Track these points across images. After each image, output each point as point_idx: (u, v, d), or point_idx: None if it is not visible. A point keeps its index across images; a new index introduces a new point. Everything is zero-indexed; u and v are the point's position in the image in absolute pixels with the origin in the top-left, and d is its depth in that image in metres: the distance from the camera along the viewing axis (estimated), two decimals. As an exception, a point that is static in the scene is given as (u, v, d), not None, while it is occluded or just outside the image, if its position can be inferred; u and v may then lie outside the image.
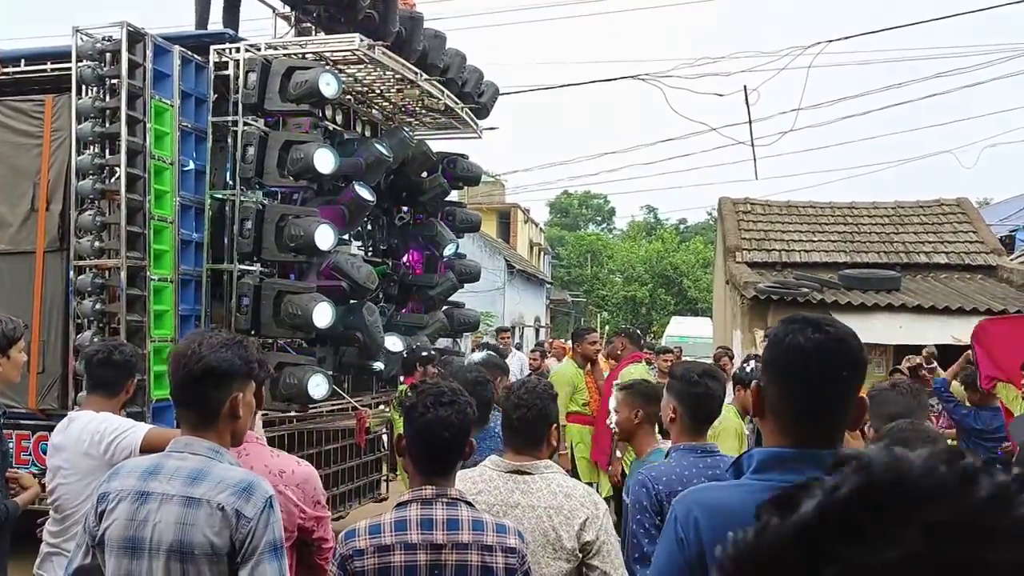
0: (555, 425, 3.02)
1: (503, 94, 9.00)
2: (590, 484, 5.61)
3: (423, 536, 2.31)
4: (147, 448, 3.10)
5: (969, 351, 6.97)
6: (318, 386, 5.96)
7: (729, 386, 6.26)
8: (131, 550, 2.12)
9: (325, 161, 5.96)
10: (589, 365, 7.16)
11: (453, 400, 2.39)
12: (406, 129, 8.00)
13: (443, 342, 9.96)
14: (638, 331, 7.44)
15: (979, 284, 12.80)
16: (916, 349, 9.48)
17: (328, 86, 5.99)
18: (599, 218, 66.05)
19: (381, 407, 7.63)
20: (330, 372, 6.41)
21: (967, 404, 6.65)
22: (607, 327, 40.70)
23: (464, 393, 2.46)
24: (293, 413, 6.36)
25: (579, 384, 7.05)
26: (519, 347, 18.71)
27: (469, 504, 2.41)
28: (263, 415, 6.02)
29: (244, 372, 2.26)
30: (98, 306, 5.72)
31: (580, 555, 2.77)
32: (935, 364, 7.03)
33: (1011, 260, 15.01)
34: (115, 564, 2.14)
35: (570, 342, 8.05)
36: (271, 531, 2.14)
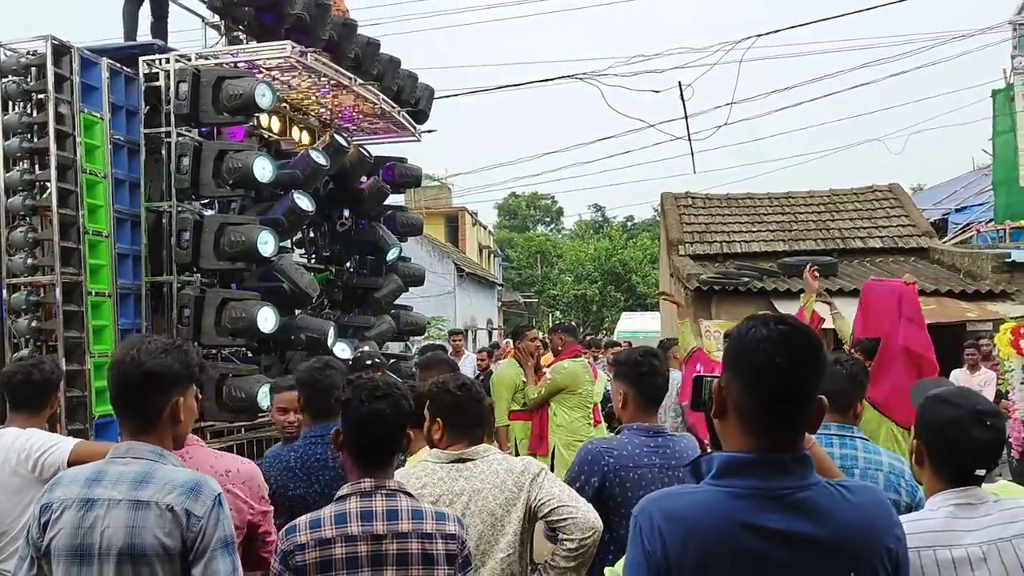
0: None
1: (443, 97, 9.09)
2: None
3: (363, 528, 2.35)
4: (74, 462, 3.09)
5: None
6: (267, 396, 5.94)
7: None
8: (80, 557, 2.12)
9: (264, 169, 5.95)
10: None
11: (388, 393, 2.44)
12: (343, 135, 8.01)
13: (395, 347, 9.99)
14: (574, 324, 7.47)
15: (913, 266, 13.19)
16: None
17: (263, 97, 5.99)
18: (547, 219, 66.30)
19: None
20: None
21: None
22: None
23: (399, 386, 2.52)
24: (241, 423, 6.33)
25: (520, 384, 7.10)
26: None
27: (408, 495, 2.46)
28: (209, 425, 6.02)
29: (185, 376, 2.28)
30: (34, 324, 5.63)
31: (539, 514, 2.90)
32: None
33: (944, 242, 15.49)
34: (64, 572, 2.13)
35: (511, 341, 8.05)
36: (221, 528, 2.16)
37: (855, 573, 1.64)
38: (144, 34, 7.09)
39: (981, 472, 2.11)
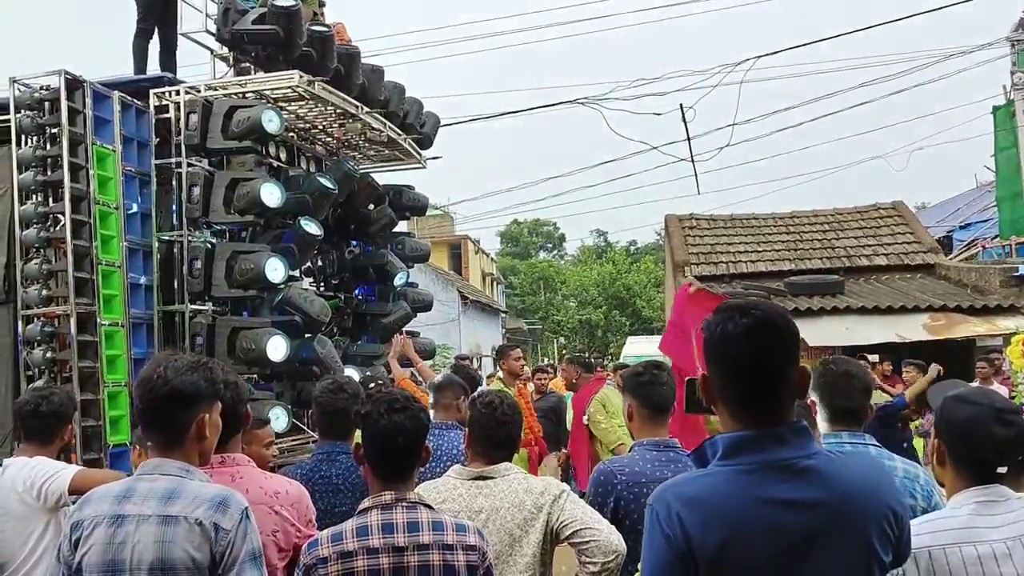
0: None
1: (445, 125, 9.15)
2: None
3: (384, 540, 2.37)
4: (75, 490, 3.15)
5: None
6: (278, 419, 5.95)
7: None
8: (111, 573, 2.15)
9: (272, 195, 6.02)
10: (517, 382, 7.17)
11: (406, 406, 2.47)
12: (350, 163, 8.08)
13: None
14: (581, 355, 7.35)
15: (919, 283, 13.21)
16: (863, 349, 9.76)
17: (271, 122, 6.06)
18: (549, 245, 66.49)
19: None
20: (289, 407, 6.41)
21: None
22: (564, 352, 40.84)
23: (416, 400, 2.55)
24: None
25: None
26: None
27: (428, 507, 2.48)
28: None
29: (210, 393, 2.33)
30: (49, 355, 5.67)
31: (561, 536, 2.90)
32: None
33: (951, 259, 15.51)
34: None
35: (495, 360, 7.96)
36: (249, 541, 2.20)
37: (865, 532, 1.71)
38: (153, 68, 7.20)
39: (1003, 469, 2.12)
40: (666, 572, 1.72)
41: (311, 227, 6.59)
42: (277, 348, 5.92)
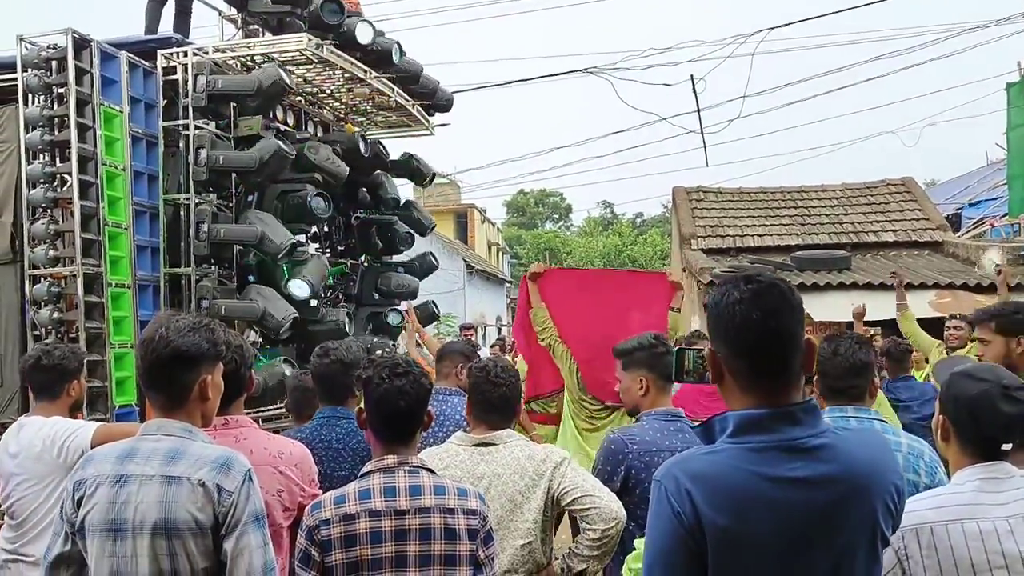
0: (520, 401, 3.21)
1: (453, 93, 9.07)
2: None
3: (387, 503, 2.39)
4: (99, 444, 3.14)
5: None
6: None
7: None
8: (114, 532, 2.16)
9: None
10: None
11: (407, 371, 2.48)
12: (358, 129, 8.05)
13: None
14: None
15: (926, 260, 13.16)
16: (868, 325, 9.74)
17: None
18: (556, 215, 66.26)
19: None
20: (293, 361, 6.44)
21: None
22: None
23: (417, 364, 2.56)
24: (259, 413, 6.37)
25: None
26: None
27: (431, 471, 2.50)
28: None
29: (212, 354, 2.32)
30: (56, 315, 5.70)
31: (562, 503, 2.93)
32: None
33: (959, 236, 15.43)
34: (98, 547, 2.17)
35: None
36: (252, 502, 2.20)
37: (872, 508, 1.71)
38: (165, 29, 7.14)
39: (1008, 446, 2.12)
40: (675, 549, 1.68)
41: (319, 206, 6.63)
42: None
